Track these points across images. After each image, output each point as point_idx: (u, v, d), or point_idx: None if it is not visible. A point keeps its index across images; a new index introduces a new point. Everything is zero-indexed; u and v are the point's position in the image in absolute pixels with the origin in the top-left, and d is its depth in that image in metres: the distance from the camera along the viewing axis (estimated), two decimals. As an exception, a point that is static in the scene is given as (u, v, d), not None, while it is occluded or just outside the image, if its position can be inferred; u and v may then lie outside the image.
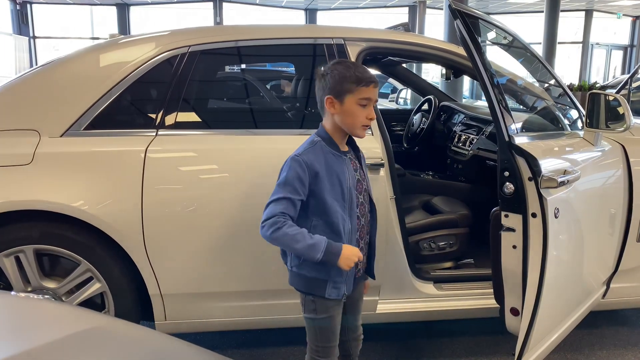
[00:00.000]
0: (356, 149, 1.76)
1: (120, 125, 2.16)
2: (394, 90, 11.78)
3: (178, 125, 2.18)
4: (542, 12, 13.90)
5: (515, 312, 1.92)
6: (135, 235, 2.06)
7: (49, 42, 16.03)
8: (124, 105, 2.17)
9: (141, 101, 2.22)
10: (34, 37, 15.59)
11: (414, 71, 7.35)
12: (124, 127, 2.15)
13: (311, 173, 1.58)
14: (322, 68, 1.67)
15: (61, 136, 2.08)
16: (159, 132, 2.14)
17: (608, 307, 2.56)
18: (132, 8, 16.79)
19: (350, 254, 1.56)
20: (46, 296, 2.13)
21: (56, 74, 2.23)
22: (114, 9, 16.36)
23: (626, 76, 9.02)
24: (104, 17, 16.45)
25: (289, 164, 1.60)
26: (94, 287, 2.13)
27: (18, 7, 15.15)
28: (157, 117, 2.16)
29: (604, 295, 2.43)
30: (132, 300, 2.18)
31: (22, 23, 15.20)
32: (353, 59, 2.31)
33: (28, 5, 15.53)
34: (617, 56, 20.20)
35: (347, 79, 1.59)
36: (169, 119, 2.17)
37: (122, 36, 2.54)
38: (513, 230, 1.82)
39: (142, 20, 16.72)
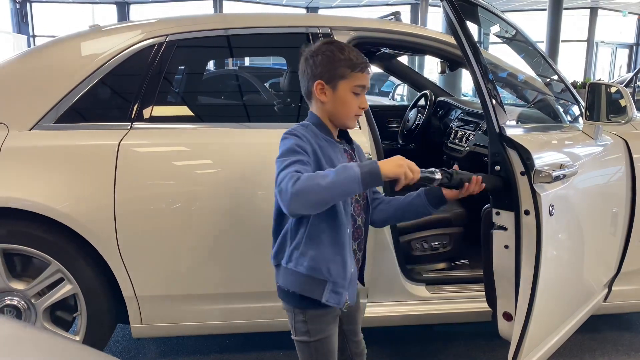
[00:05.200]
0: (349, 140, 1.57)
1: (93, 118, 2.06)
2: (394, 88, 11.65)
3: (154, 119, 2.07)
4: (545, 9, 13.75)
5: (508, 316, 1.80)
6: (108, 234, 1.95)
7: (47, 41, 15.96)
8: (97, 98, 2.06)
9: (115, 93, 2.12)
10: (34, 36, 15.56)
11: (416, 68, 7.23)
12: (97, 120, 2.05)
13: (310, 146, 1.38)
14: (309, 48, 1.47)
15: (31, 129, 1.98)
16: (134, 125, 2.03)
17: (610, 310, 2.44)
18: (132, 6, 16.76)
19: (397, 161, 1.28)
20: (15, 299, 2.03)
21: (27, 65, 2.14)
22: (114, 7, 16.34)
23: (631, 74, 8.89)
24: (104, 15, 16.41)
25: (283, 139, 1.40)
26: (65, 289, 2.02)
27: (18, 5, 15.12)
28: (131, 109, 2.05)
29: (605, 299, 2.32)
30: (106, 302, 2.08)
31: (21, 22, 15.16)
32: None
33: (28, 4, 15.50)
34: (623, 55, 19.99)
35: (340, 63, 1.41)
36: (145, 112, 2.07)
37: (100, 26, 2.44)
38: (505, 228, 1.70)
39: (142, 18, 16.66)
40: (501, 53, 2.49)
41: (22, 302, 2.03)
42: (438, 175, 1.42)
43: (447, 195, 1.53)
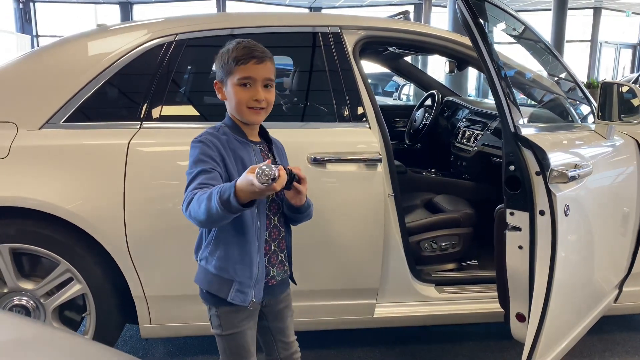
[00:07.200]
0: (269, 140, 1.56)
1: (102, 117, 2.05)
2: (399, 88, 11.63)
3: (163, 118, 2.06)
4: (550, 10, 13.74)
5: (521, 317, 1.78)
6: (117, 234, 1.94)
7: (52, 40, 15.98)
8: (107, 97, 2.06)
9: (124, 92, 2.11)
10: (37, 36, 15.59)
11: (420, 67, 7.17)
12: (106, 120, 2.04)
13: (218, 152, 1.40)
14: None
15: (40, 129, 1.98)
16: (143, 125, 2.02)
17: (620, 311, 2.43)
18: (135, 6, 16.77)
19: (246, 177, 1.20)
20: (24, 299, 2.02)
21: (36, 64, 2.13)
22: (117, 7, 16.35)
23: (635, 74, 8.87)
24: (108, 15, 16.43)
25: (191, 147, 1.42)
26: (74, 289, 2.01)
27: (21, 5, 15.16)
28: (141, 109, 2.04)
29: (616, 300, 2.30)
30: (115, 302, 2.07)
31: (25, 21, 15.20)
32: (350, 48, 2.20)
33: (31, 4, 15.53)
34: (626, 55, 19.97)
35: (227, 60, 1.42)
36: (154, 112, 2.06)
37: (108, 25, 2.43)
38: (519, 229, 1.69)
39: (146, 18, 16.68)
40: (511, 51, 2.47)
41: (31, 302, 2.02)
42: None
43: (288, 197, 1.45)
